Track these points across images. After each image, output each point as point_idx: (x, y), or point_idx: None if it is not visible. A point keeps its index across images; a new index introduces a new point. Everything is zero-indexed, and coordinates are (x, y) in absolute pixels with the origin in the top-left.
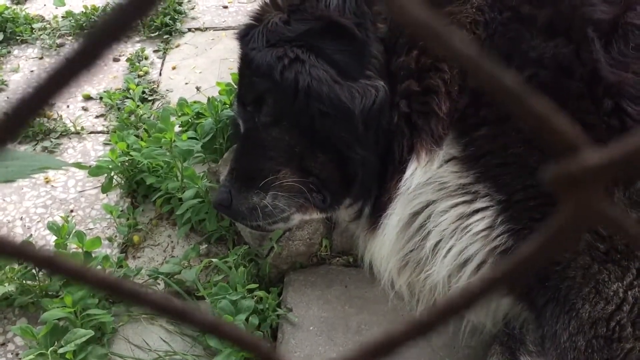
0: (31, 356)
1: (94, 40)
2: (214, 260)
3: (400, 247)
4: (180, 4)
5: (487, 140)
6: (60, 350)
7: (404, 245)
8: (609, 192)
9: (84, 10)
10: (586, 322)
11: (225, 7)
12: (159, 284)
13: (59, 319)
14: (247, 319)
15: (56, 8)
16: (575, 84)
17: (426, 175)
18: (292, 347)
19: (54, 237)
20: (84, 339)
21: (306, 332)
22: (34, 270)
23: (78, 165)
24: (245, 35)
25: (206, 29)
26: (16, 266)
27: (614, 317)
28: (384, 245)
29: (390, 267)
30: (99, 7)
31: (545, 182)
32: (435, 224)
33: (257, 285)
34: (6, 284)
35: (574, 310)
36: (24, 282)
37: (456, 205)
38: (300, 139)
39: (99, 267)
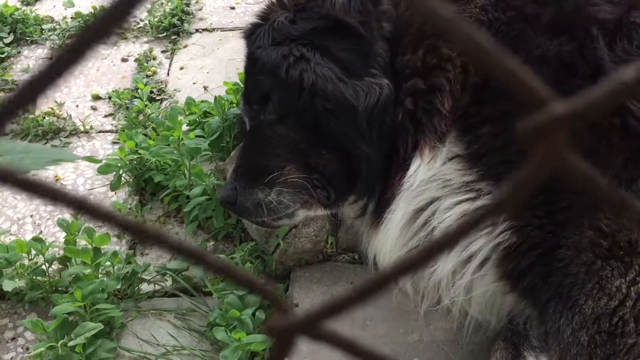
0: (41, 349)
1: (81, 40)
2: (221, 256)
3: (403, 242)
4: (188, 5)
5: (490, 138)
6: (70, 344)
7: (407, 241)
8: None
9: (93, 11)
10: (589, 317)
11: (233, 8)
12: (167, 280)
13: (68, 314)
14: (253, 314)
15: (65, 9)
16: (578, 82)
17: (430, 172)
18: (298, 342)
19: (64, 234)
20: (93, 333)
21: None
22: (44, 266)
23: (90, 159)
24: (251, 34)
25: (214, 29)
26: (26, 262)
27: (616, 312)
28: (387, 241)
29: None
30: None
31: (519, 135)
32: (439, 220)
33: (264, 281)
34: (16, 280)
35: (577, 306)
36: (34, 277)
37: (460, 202)
38: (305, 136)
39: (107, 263)
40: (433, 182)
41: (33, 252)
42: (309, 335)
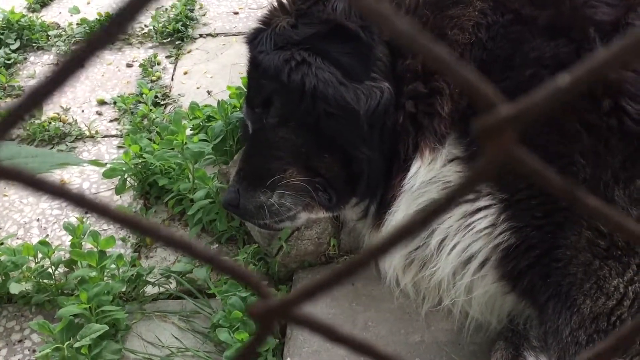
0: (48, 350)
1: (87, 48)
2: (224, 258)
3: (404, 244)
4: (192, 10)
5: None
6: (76, 345)
7: (408, 242)
8: (610, 190)
9: (98, 18)
10: (587, 317)
11: (236, 13)
12: (171, 282)
13: (74, 316)
14: None
15: (71, 15)
16: None
17: (430, 174)
18: (300, 343)
19: (70, 237)
20: (98, 334)
21: None
22: (50, 269)
23: (95, 163)
24: (254, 38)
25: (217, 34)
26: (33, 265)
27: (614, 312)
28: None
29: (395, 265)
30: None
31: (474, 134)
32: (439, 221)
33: (267, 283)
34: (23, 282)
35: (575, 306)
36: (40, 280)
37: (460, 203)
38: (307, 139)
39: (113, 265)
40: (433, 183)
41: (39, 255)
42: (289, 319)
